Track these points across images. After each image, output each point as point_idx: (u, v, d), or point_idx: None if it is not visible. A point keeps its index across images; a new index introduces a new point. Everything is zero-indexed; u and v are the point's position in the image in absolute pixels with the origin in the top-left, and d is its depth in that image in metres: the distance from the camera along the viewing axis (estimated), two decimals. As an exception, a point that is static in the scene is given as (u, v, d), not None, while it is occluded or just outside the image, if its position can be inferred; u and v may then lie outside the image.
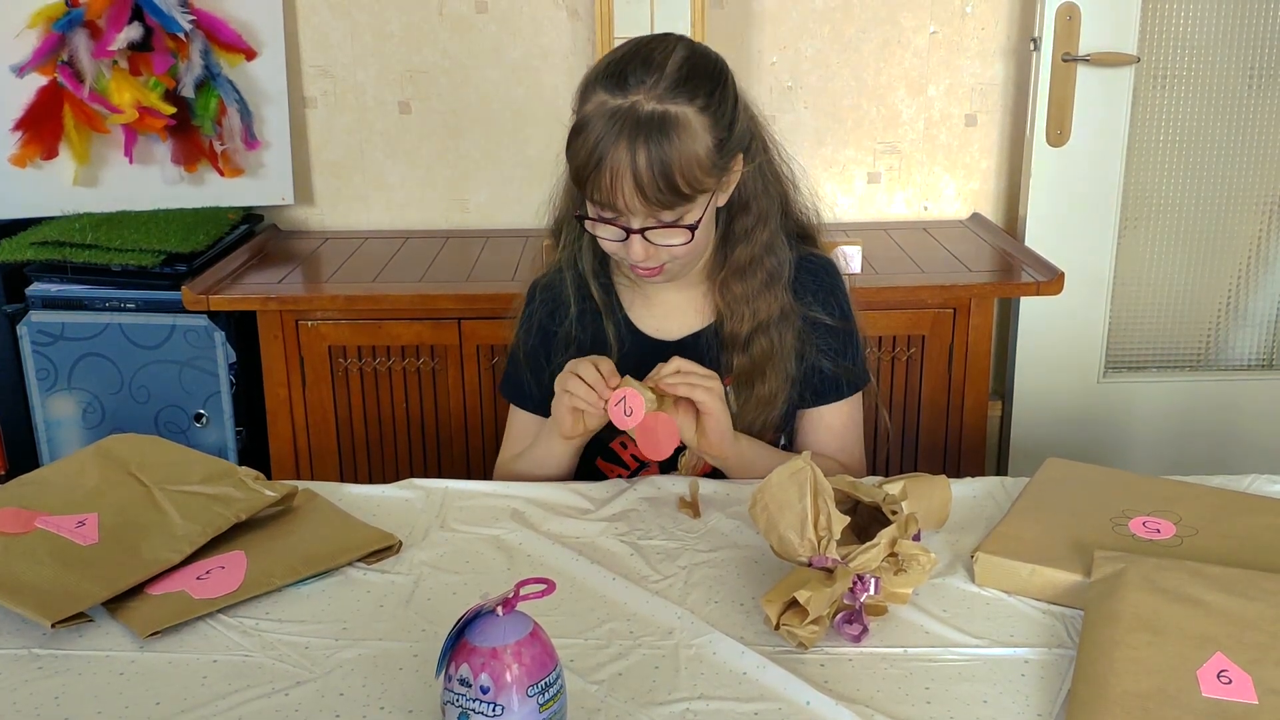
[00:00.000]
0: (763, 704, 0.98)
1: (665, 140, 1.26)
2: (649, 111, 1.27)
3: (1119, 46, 2.49)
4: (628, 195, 1.27)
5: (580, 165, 1.29)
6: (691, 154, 1.28)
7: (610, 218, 1.33)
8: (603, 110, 1.29)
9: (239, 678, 1.02)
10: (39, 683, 1.02)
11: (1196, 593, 1.04)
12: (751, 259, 1.43)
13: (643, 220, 1.31)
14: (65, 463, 1.34)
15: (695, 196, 1.31)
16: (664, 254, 1.35)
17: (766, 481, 1.10)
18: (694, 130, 1.29)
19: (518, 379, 1.53)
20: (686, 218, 1.32)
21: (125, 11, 2.36)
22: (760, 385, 1.43)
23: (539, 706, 0.86)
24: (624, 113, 1.27)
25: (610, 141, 1.26)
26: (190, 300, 2.18)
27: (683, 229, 1.33)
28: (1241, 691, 0.93)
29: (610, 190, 1.28)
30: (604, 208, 1.31)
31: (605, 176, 1.27)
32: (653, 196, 1.27)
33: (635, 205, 1.28)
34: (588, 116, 1.30)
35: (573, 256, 1.48)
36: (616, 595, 1.14)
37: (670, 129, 1.27)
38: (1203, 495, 1.28)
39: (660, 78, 1.29)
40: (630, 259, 1.35)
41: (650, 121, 1.27)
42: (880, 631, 1.08)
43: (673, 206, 1.30)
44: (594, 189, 1.29)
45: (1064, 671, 1.02)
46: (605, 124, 1.27)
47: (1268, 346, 2.73)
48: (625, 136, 1.26)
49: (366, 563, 1.21)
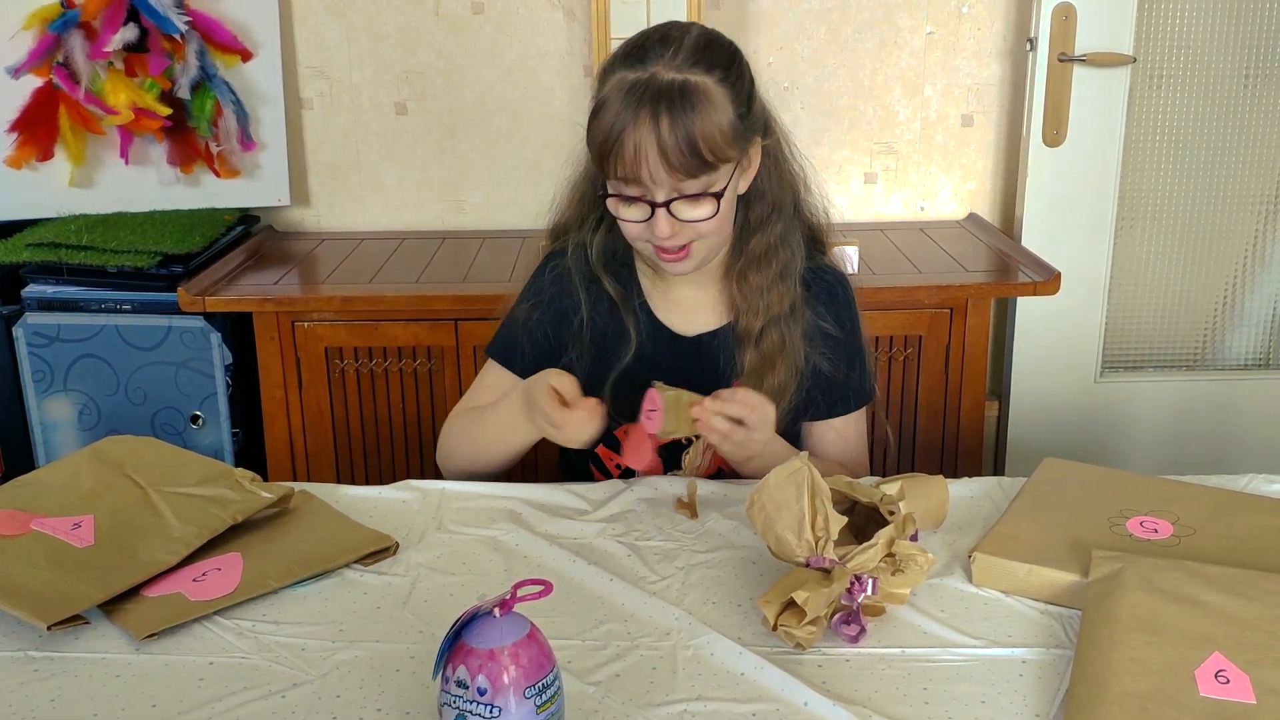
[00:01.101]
0: (760, 705, 0.97)
1: (688, 106, 1.27)
2: (669, 80, 1.28)
3: (1115, 47, 2.49)
4: (652, 165, 1.28)
5: (603, 141, 1.29)
6: (713, 122, 1.28)
7: (635, 194, 1.32)
8: (622, 85, 1.29)
9: (235, 680, 1.02)
10: (35, 685, 1.02)
11: (1194, 593, 1.04)
12: (767, 249, 1.43)
13: (667, 193, 1.31)
14: (61, 465, 1.34)
15: (718, 166, 1.31)
16: (689, 232, 1.34)
17: (764, 482, 1.10)
18: (715, 99, 1.30)
19: (511, 340, 1.50)
20: (711, 188, 1.32)
21: (121, 13, 2.35)
22: (770, 377, 1.42)
23: (536, 708, 0.85)
24: (644, 83, 1.28)
25: (631, 113, 1.27)
26: (186, 302, 2.18)
27: (708, 199, 1.32)
28: (1239, 691, 0.93)
29: (634, 162, 1.28)
30: (628, 183, 1.31)
31: (629, 148, 1.27)
32: (677, 163, 1.27)
33: (660, 176, 1.28)
34: (608, 94, 1.30)
35: (583, 251, 1.47)
36: (614, 596, 1.14)
37: (691, 95, 1.28)
38: (1200, 495, 1.28)
39: (678, 50, 1.30)
40: (656, 236, 1.33)
41: (671, 89, 1.27)
42: (878, 632, 1.08)
43: (696, 175, 1.29)
44: (618, 164, 1.29)
45: (1062, 671, 1.02)
46: (626, 97, 1.28)
47: (1264, 346, 2.73)
48: (647, 105, 1.27)
49: (363, 564, 1.21)
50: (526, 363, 1.48)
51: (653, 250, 1.37)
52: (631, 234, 1.38)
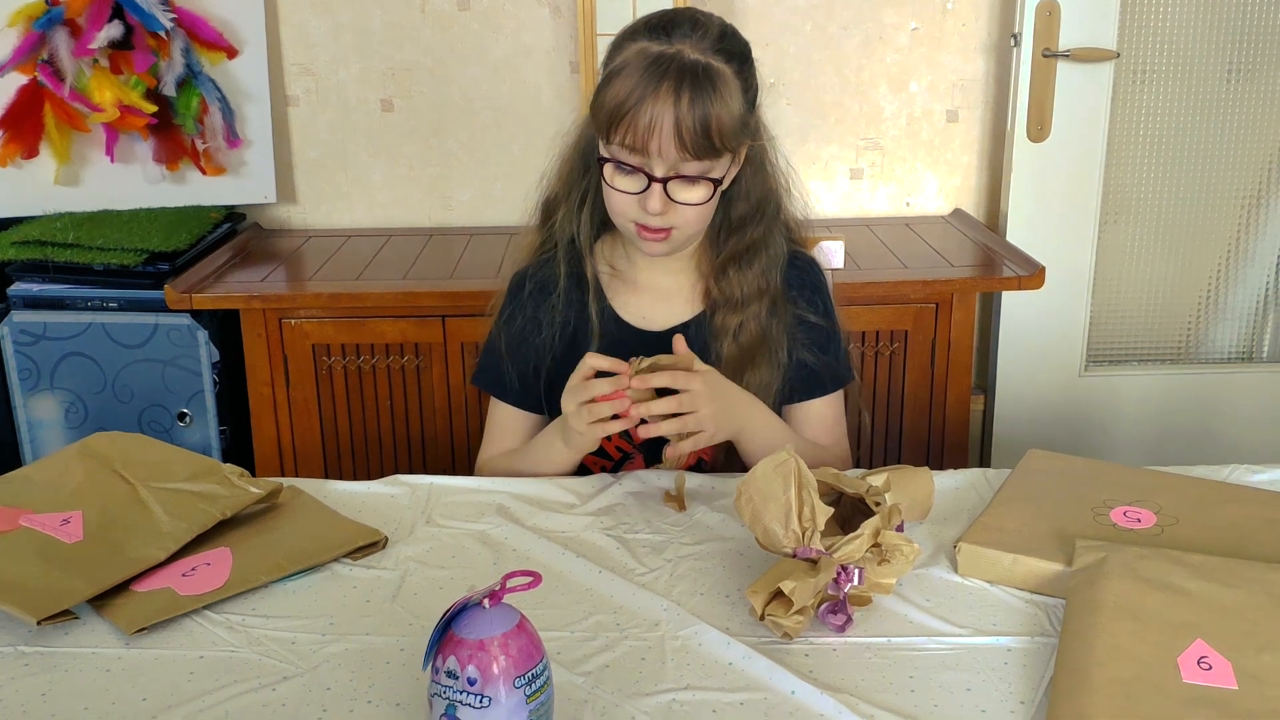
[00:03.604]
0: (748, 694, 0.98)
1: (710, 89, 1.29)
2: (694, 60, 1.30)
3: (1098, 42, 2.50)
4: (664, 139, 1.29)
5: (616, 107, 1.30)
6: (728, 110, 1.31)
7: (635, 164, 1.33)
8: (646, 54, 1.30)
9: (226, 673, 1.02)
10: (25, 680, 1.02)
11: (1177, 581, 1.05)
12: (748, 247, 1.44)
13: (667, 170, 1.32)
14: (49, 461, 1.34)
15: (722, 153, 1.33)
16: (676, 215, 1.35)
17: (751, 474, 1.10)
18: (732, 89, 1.32)
19: (496, 370, 1.51)
20: (709, 174, 1.34)
21: (105, 10, 2.35)
22: (751, 373, 1.44)
23: (526, 698, 0.86)
24: (670, 57, 1.29)
25: (653, 84, 1.28)
26: (173, 299, 2.18)
27: (704, 183, 1.34)
28: (1221, 677, 0.94)
29: (646, 132, 1.29)
30: (632, 152, 1.32)
31: (644, 118, 1.28)
32: (689, 143, 1.29)
33: (668, 151, 1.30)
34: (628, 60, 1.31)
35: (569, 228, 1.48)
36: (602, 588, 1.15)
37: (715, 80, 1.30)
38: (1183, 485, 1.29)
39: (706, 33, 1.32)
40: (644, 212, 1.34)
41: (696, 70, 1.29)
42: (864, 621, 1.09)
43: (701, 157, 1.31)
44: (628, 131, 1.30)
45: (1046, 659, 1.03)
46: (649, 67, 1.29)
47: (1247, 340, 2.75)
48: (670, 79, 1.28)
49: (352, 558, 1.21)
50: (514, 390, 1.51)
51: (634, 229, 1.38)
52: (618, 206, 1.38)
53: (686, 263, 1.48)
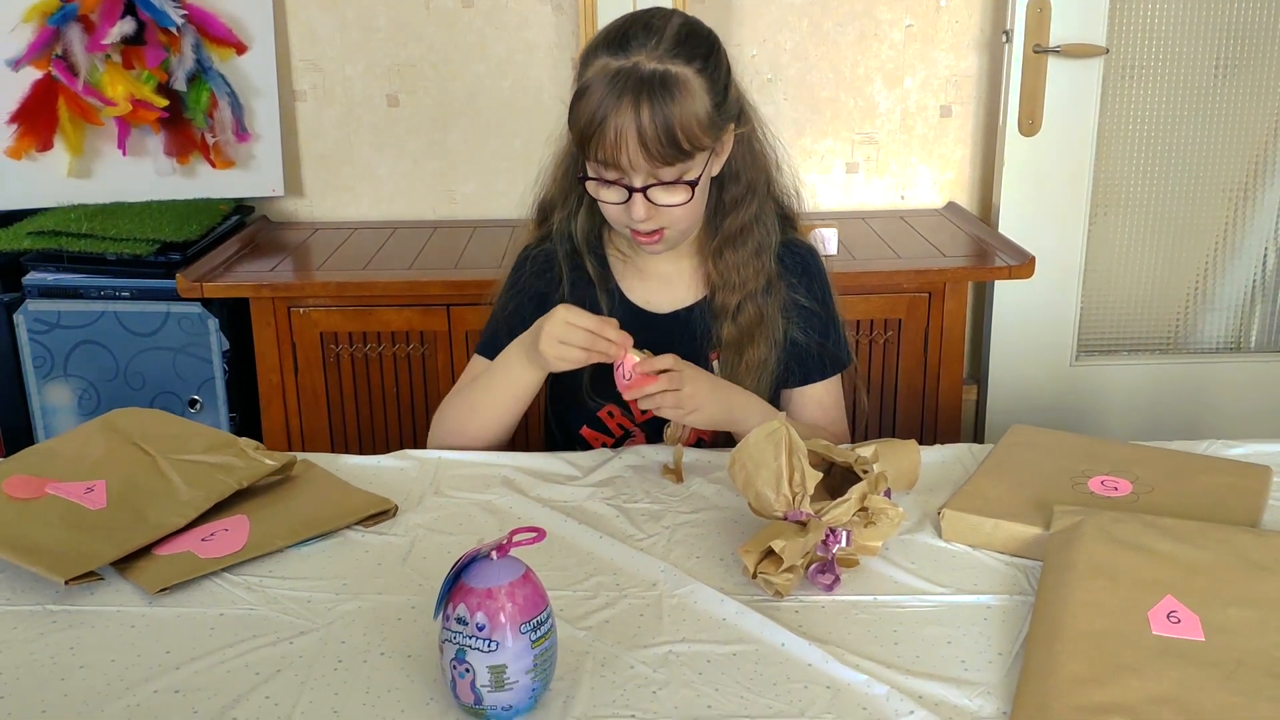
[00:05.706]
0: (740, 645, 1.03)
1: (667, 97, 1.32)
2: (650, 70, 1.33)
3: (1088, 38, 2.55)
4: (631, 152, 1.33)
5: (585, 125, 1.34)
6: (691, 112, 1.34)
7: (613, 178, 1.38)
8: (606, 71, 1.34)
9: (245, 629, 1.07)
10: (54, 635, 1.07)
11: (1149, 542, 1.10)
12: (742, 227, 1.49)
13: (644, 179, 1.36)
14: (73, 435, 1.39)
15: (694, 154, 1.37)
16: (664, 216, 1.40)
17: (744, 442, 1.15)
18: (693, 90, 1.35)
19: (495, 340, 1.54)
20: (686, 176, 1.38)
21: (118, 6, 2.41)
22: (750, 351, 1.49)
23: (531, 643, 0.91)
24: (626, 72, 1.33)
25: (614, 100, 1.32)
26: (184, 288, 2.23)
27: (683, 186, 1.38)
28: (1190, 630, 0.99)
29: (614, 148, 1.33)
30: (607, 167, 1.36)
31: (610, 134, 1.32)
32: (655, 152, 1.33)
33: (639, 162, 1.34)
34: (590, 79, 1.35)
35: (566, 229, 1.53)
36: (603, 552, 1.20)
37: (672, 87, 1.33)
38: (1160, 457, 1.34)
39: (660, 40, 1.35)
40: (632, 220, 1.39)
41: (652, 80, 1.32)
42: (851, 581, 1.14)
43: (673, 163, 1.35)
44: (598, 148, 1.34)
45: (1024, 616, 1.08)
46: (609, 84, 1.33)
47: (1235, 329, 2.80)
48: (629, 94, 1.32)
49: (364, 526, 1.26)
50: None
51: (629, 232, 1.44)
52: (609, 215, 1.44)
53: (688, 247, 1.53)
